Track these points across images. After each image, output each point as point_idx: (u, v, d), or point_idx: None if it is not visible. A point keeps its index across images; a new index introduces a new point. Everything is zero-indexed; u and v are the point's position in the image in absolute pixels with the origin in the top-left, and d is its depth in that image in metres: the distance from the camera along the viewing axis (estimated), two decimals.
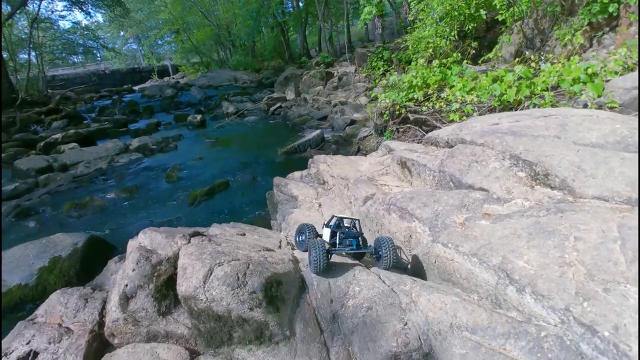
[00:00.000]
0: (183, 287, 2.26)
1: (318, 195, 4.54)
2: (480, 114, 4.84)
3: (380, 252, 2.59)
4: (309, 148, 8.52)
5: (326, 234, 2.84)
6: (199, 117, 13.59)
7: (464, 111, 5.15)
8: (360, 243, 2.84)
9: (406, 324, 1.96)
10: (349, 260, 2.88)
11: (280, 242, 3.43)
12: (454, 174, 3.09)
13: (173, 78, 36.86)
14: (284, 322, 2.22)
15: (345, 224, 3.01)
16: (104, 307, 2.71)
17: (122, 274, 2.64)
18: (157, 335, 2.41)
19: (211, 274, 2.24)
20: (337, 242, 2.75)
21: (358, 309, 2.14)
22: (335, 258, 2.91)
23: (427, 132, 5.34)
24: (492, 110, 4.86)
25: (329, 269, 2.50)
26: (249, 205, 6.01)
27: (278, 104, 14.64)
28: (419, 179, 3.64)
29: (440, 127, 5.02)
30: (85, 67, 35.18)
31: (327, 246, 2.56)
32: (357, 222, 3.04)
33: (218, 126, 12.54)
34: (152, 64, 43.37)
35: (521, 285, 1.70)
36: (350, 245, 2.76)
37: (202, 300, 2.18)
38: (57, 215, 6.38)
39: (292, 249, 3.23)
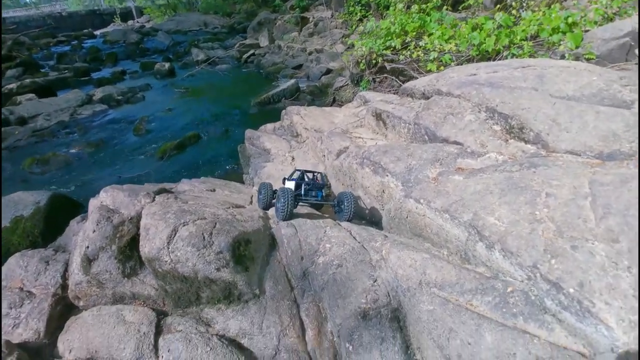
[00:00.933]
0: (146, 248, 2.17)
1: (291, 149, 4.41)
2: (458, 64, 4.69)
3: (342, 206, 2.71)
4: (283, 98, 8.21)
5: (290, 186, 2.89)
6: (167, 65, 12.83)
7: (441, 61, 4.98)
8: (324, 194, 3.03)
9: (376, 280, 1.96)
10: (321, 217, 2.87)
11: (252, 197, 3.34)
12: (429, 126, 3.00)
13: (137, 22, 34.11)
14: (254, 281, 2.18)
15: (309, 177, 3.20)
16: (66, 270, 2.60)
17: (82, 235, 2.51)
18: (124, 297, 2.35)
19: (175, 234, 2.15)
20: (302, 193, 2.89)
21: (328, 266, 2.12)
22: (302, 210, 2.92)
23: (404, 82, 5.18)
24: (470, 60, 4.71)
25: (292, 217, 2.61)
26: (221, 159, 5.82)
27: (251, 51, 13.92)
28: (393, 132, 3.54)
29: (417, 77, 4.86)
30: (38, 9, 32.06)
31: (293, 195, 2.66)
32: (319, 174, 3.26)
33: (188, 75, 11.87)
34: (114, 6, 39.80)
35: (491, 242, 1.69)
36: (316, 196, 2.94)
37: (166, 261, 2.10)
38: (17, 172, 6.02)
39: None
